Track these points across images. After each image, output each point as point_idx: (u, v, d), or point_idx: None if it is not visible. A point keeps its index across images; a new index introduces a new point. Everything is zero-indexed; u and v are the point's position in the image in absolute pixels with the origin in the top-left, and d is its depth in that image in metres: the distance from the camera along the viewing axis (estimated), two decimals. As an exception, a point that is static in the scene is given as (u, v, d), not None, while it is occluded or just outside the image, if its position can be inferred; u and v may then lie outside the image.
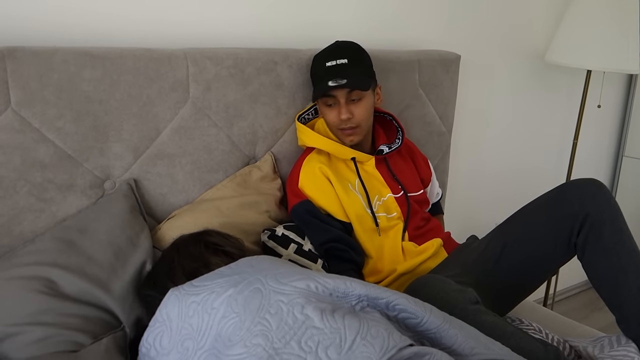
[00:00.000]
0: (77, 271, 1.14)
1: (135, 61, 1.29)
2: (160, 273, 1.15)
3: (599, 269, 1.29)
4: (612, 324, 1.32)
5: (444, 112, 1.93)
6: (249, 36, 1.59)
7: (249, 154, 1.53)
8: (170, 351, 0.97)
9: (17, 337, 1.05)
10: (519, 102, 2.37)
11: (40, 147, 1.21)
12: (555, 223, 1.33)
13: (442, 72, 1.87)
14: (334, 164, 1.54)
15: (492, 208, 2.39)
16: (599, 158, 2.86)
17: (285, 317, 0.91)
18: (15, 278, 1.10)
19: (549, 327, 1.48)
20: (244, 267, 1.04)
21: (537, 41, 2.34)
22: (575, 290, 2.97)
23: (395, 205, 1.54)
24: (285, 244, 1.41)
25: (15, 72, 1.16)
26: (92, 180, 1.29)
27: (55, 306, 1.09)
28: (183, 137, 1.39)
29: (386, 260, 1.50)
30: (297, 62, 1.55)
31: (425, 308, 0.99)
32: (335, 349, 0.86)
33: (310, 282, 0.98)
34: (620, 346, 1.27)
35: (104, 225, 1.23)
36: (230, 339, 0.90)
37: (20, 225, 1.20)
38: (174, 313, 0.99)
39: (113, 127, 1.29)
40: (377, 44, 1.84)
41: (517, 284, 1.40)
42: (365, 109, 1.48)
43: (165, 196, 1.40)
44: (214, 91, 1.42)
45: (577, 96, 2.57)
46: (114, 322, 1.15)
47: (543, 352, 1.14)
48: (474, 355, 0.97)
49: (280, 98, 1.54)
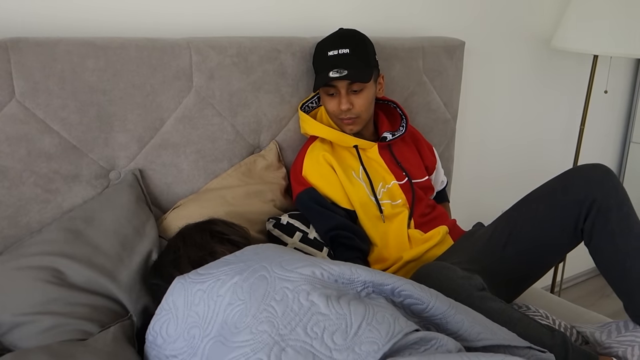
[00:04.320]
0: (84, 261, 1.15)
1: (139, 51, 1.29)
2: (166, 262, 1.16)
3: (606, 255, 1.28)
4: (620, 311, 1.31)
5: (449, 99, 1.92)
6: (252, 24, 1.58)
7: (254, 143, 1.53)
8: (176, 339, 0.97)
9: (27, 326, 1.07)
10: (524, 88, 2.36)
11: (45, 137, 1.21)
12: (562, 209, 1.32)
13: (446, 58, 1.86)
14: (337, 152, 1.53)
15: (498, 195, 2.38)
16: (606, 144, 2.84)
17: (290, 304, 0.91)
18: (23, 268, 1.11)
19: (556, 313, 1.48)
20: (249, 255, 1.04)
21: (542, 26, 2.32)
22: (583, 278, 2.96)
23: (400, 192, 1.54)
24: (291, 233, 1.41)
25: (18, 63, 1.16)
26: (97, 170, 1.29)
27: (63, 295, 1.10)
28: (187, 126, 1.39)
29: (392, 248, 1.50)
30: (301, 50, 1.54)
31: (431, 294, 0.99)
32: (341, 335, 0.86)
33: (316, 268, 0.98)
34: (628, 331, 1.27)
35: (110, 215, 1.24)
36: (236, 326, 0.90)
37: (26, 216, 1.21)
38: (180, 301, 0.99)
39: (117, 117, 1.29)
40: (381, 30, 1.83)
41: (523, 271, 1.40)
42: (365, 100, 1.47)
43: (170, 186, 1.40)
44: (217, 80, 1.41)
45: (583, 82, 2.55)
46: (122, 311, 1.16)
47: (550, 338, 1.14)
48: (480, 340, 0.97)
49: (283, 86, 1.53)
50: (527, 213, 1.38)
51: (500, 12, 2.15)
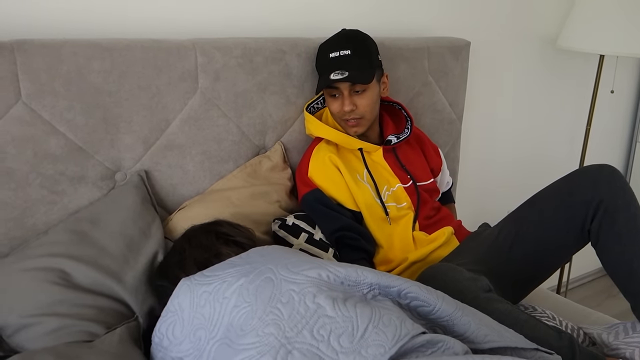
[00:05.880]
0: (90, 262, 1.15)
1: (144, 52, 1.29)
2: (171, 263, 1.16)
3: (613, 255, 1.28)
4: (627, 311, 1.30)
5: (454, 100, 1.91)
6: (257, 25, 1.58)
7: (259, 144, 1.53)
8: (182, 341, 0.97)
9: (33, 327, 1.07)
10: (530, 88, 2.35)
11: (51, 139, 1.21)
12: (569, 209, 1.31)
13: (451, 59, 1.86)
14: (342, 153, 1.53)
15: (504, 195, 2.37)
16: (612, 144, 2.82)
17: (297, 306, 0.90)
18: (29, 270, 1.11)
19: (562, 314, 1.47)
20: (255, 256, 1.04)
21: (548, 26, 2.31)
22: (589, 278, 2.95)
23: (405, 195, 1.53)
24: (296, 233, 1.41)
25: (24, 64, 1.16)
26: (103, 171, 1.29)
27: (69, 297, 1.10)
28: (193, 127, 1.39)
29: (397, 250, 1.50)
30: (306, 50, 1.54)
31: (438, 296, 0.99)
32: (348, 338, 0.86)
33: (322, 271, 0.98)
34: (636, 333, 1.26)
35: (116, 216, 1.24)
36: (242, 329, 0.90)
37: (32, 218, 1.21)
38: (186, 303, 0.99)
39: (123, 118, 1.29)
40: (386, 31, 1.83)
41: (530, 272, 1.39)
42: (369, 100, 1.46)
43: (175, 187, 1.40)
44: (222, 81, 1.41)
45: (589, 82, 2.54)
46: (127, 312, 1.16)
47: (557, 340, 1.14)
48: (487, 342, 0.96)
49: (289, 87, 1.53)
50: (534, 214, 1.38)
51: (505, 12, 2.14)
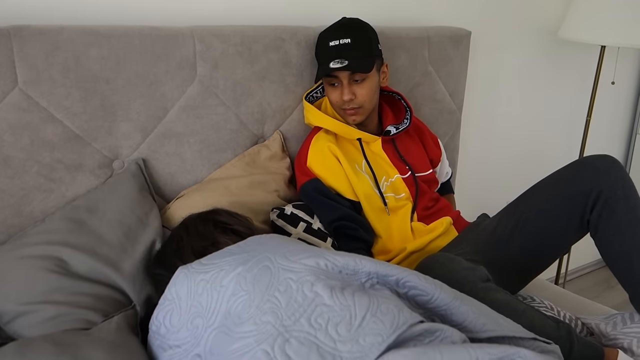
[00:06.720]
0: (87, 250, 1.14)
1: (142, 39, 1.28)
2: (169, 252, 1.15)
3: (612, 246, 1.27)
4: (625, 302, 1.31)
5: (454, 90, 1.90)
6: (256, 13, 1.56)
7: (258, 133, 1.52)
8: (180, 329, 0.97)
9: (30, 315, 1.07)
10: (531, 79, 2.34)
11: (48, 126, 1.20)
12: (568, 200, 1.31)
13: (452, 48, 1.84)
14: (341, 143, 1.52)
15: (503, 186, 2.37)
16: (613, 135, 2.82)
17: (294, 295, 0.90)
18: (26, 257, 1.11)
19: (560, 305, 1.47)
20: (253, 245, 1.04)
21: (550, 17, 2.29)
22: (588, 269, 2.95)
23: (404, 186, 1.53)
24: (295, 223, 1.41)
25: (21, 51, 1.15)
26: (100, 160, 1.29)
27: (67, 285, 1.10)
28: (191, 116, 1.38)
29: (395, 240, 1.49)
30: (305, 39, 1.53)
31: (436, 285, 0.99)
32: (345, 326, 0.85)
33: (320, 259, 0.97)
34: (634, 323, 1.26)
35: (114, 204, 1.23)
36: (239, 317, 0.90)
37: (30, 205, 1.21)
38: (183, 291, 0.99)
39: (121, 106, 1.28)
40: (387, 20, 1.81)
41: (528, 262, 1.39)
42: (368, 89, 1.46)
43: (173, 175, 1.39)
44: (221, 69, 1.40)
45: (590, 73, 2.53)
46: (125, 300, 1.16)
47: (555, 329, 1.14)
48: (485, 332, 0.96)
49: (288, 76, 1.52)
50: (533, 204, 1.37)
51: (507, 1, 2.13)
